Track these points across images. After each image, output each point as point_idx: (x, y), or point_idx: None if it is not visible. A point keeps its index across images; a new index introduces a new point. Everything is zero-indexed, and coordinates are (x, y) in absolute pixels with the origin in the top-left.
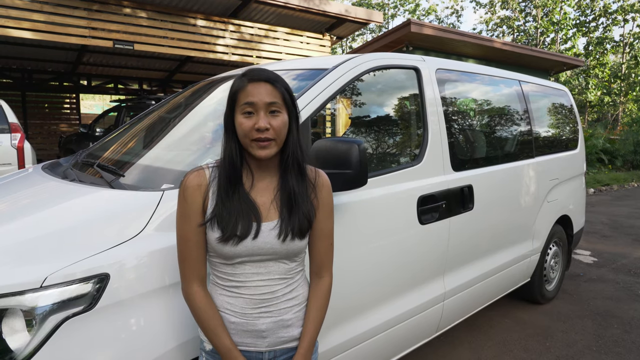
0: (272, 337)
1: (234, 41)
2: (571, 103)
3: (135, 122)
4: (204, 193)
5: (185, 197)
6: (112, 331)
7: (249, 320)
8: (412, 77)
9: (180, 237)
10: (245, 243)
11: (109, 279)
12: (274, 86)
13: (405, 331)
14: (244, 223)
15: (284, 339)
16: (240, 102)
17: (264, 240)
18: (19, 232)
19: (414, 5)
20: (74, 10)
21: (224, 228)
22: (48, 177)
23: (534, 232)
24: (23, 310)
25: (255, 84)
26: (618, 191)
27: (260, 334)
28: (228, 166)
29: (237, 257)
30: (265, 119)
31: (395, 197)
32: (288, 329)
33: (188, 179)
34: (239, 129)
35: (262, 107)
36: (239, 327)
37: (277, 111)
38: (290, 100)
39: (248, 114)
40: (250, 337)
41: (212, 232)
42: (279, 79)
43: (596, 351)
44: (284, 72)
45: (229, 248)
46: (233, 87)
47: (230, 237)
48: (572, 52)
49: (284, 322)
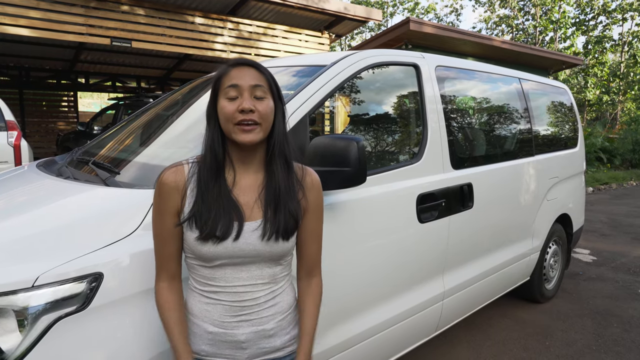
0: (253, 348)
1: (232, 39)
2: (571, 101)
3: (131, 120)
4: (182, 190)
5: (161, 194)
6: (105, 331)
7: (228, 330)
8: (411, 74)
9: (154, 234)
10: (226, 244)
11: (103, 278)
12: (259, 70)
13: (405, 330)
14: (224, 222)
15: (265, 349)
16: (223, 87)
17: (246, 242)
18: (11, 230)
19: (413, 4)
20: (71, 7)
21: (202, 227)
22: (42, 174)
23: (533, 231)
24: (15, 310)
25: (240, 68)
26: (617, 190)
27: (239, 344)
28: (209, 157)
29: (217, 259)
30: (250, 101)
31: (394, 195)
32: (270, 339)
33: (164, 175)
34: (221, 114)
35: (246, 89)
36: (217, 337)
37: (262, 96)
38: (276, 90)
39: (232, 99)
40: (228, 349)
41: (190, 231)
42: (264, 67)
43: (596, 350)
44: (282, 68)
45: (207, 248)
46: (216, 74)
47: (208, 236)
48: (571, 51)
49: (265, 332)
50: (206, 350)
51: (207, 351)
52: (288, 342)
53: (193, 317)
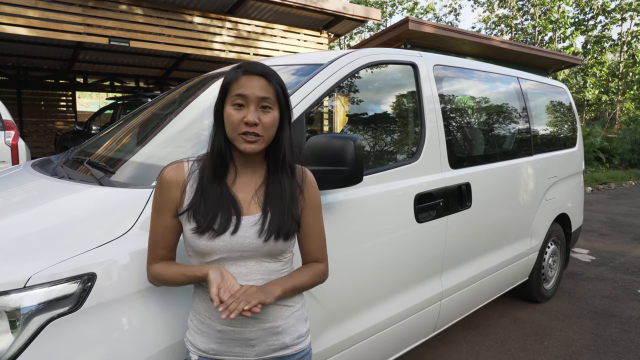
0: (261, 346)
1: (231, 38)
2: (570, 101)
3: (127, 119)
4: (181, 187)
5: (161, 189)
6: (98, 333)
7: (236, 328)
8: (409, 73)
9: (151, 227)
10: (224, 237)
11: (96, 279)
12: (269, 81)
13: (403, 331)
14: (222, 216)
15: (274, 346)
16: (231, 94)
17: (244, 235)
18: (3, 230)
19: (412, 4)
20: (69, 7)
21: (199, 220)
22: (37, 174)
23: (532, 231)
24: (6, 311)
25: (250, 77)
26: (616, 190)
27: (248, 342)
28: (216, 158)
29: (214, 253)
30: (255, 114)
31: (391, 194)
32: (278, 335)
33: (165, 171)
34: (226, 121)
35: (253, 101)
36: (226, 335)
37: (269, 107)
38: (284, 98)
39: (238, 106)
40: (238, 346)
41: (188, 223)
42: (275, 74)
43: (594, 350)
44: (279, 67)
45: (204, 242)
46: (226, 77)
47: (205, 229)
48: (570, 51)
49: (274, 329)
50: (215, 349)
51: (216, 349)
52: (297, 340)
53: (201, 315)
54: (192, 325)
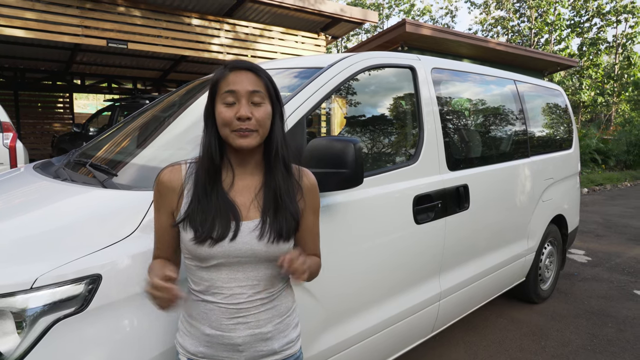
0: (250, 351)
1: (228, 40)
2: (566, 103)
3: (128, 122)
4: (178, 190)
5: (159, 192)
6: (104, 333)
7: (224, 333)
8: (407, 76)
9: (155, 227)
10: (222, 244)
11: (101, 280)
12: (257, 75)
13: (401, 331)
14: (221, 223)
15: (262, 352)
16: (221, 91)
17: (243, 241)
18: (9, 232)
19: (409, 6)
20: (66, 9)
21: (197, 229)
22: (40, 176)
23: (529, 232)
24: (13, 312)
25: (237, 72)
26: (611, 191)
27: (236, 347)
28: (206, 160)
29: (213, 258)
30: (247, 108)
31: (390, 196)
32: (267, 342)
33: (161, 174)
34: (218, 119)
35: (244, 96)
36: (214, 339)
37: (260, 102)
38: (274, 93)
39: (229, 104)
40: (225, 351)
41: (186, 232)
42: (262, 69)
43: (591, 350)
44: (279, 70)
45: (204, 249)
46: (214, 77)
47: (205, 238)
48: (566, 53)
49: (263, 335)
50: (203, 352)
51: (205, 353)
52: (286, 345)
53: (190, 318)
54: (182, 327)
